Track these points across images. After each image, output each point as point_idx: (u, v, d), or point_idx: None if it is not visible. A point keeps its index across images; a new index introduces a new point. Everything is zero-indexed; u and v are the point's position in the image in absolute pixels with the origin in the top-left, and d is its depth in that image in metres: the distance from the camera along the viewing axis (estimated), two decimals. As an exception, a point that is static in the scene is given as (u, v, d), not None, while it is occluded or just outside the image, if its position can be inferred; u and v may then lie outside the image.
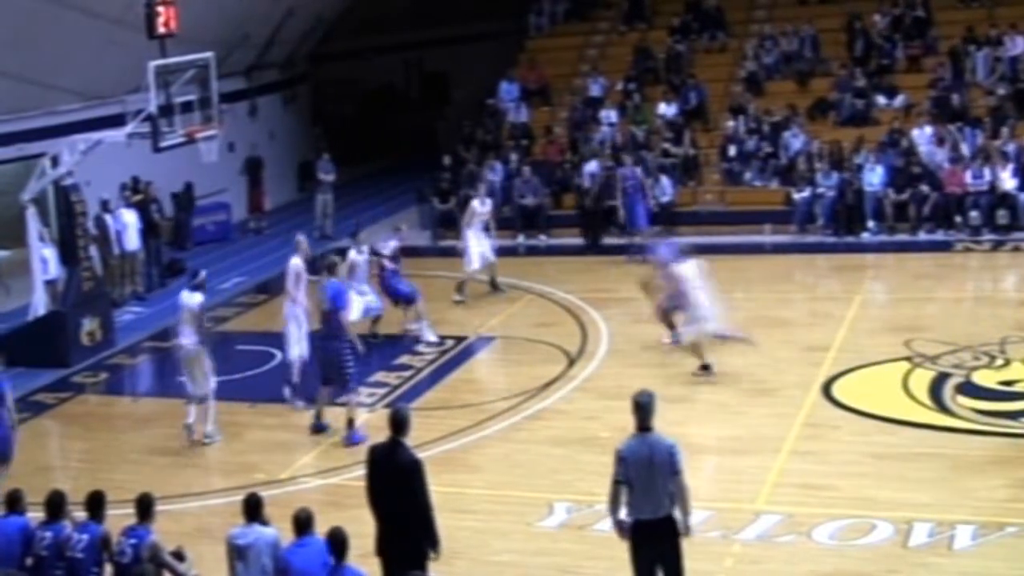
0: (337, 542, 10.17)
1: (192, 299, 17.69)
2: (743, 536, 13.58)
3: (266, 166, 32.60)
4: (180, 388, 18.21)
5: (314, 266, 19.70)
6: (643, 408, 10.96)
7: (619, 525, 11.09)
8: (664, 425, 16.77)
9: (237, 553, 10.75)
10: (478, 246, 24.07)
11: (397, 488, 11.07)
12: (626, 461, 10.86)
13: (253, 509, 10.90)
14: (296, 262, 18.97)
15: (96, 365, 21.86)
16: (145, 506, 11.16)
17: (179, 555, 11.30)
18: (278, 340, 19.73)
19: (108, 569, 11.10)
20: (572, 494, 15.02)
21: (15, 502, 11.68)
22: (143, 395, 21.15)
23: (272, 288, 25.48)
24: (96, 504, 11.33)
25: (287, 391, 18.98)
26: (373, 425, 17.20)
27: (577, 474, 15.58)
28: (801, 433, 16.44)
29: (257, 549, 10.66)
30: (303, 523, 10.58)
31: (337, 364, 17.18)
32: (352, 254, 21.08)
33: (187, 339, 17.62)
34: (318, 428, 17.56)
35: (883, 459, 15.38)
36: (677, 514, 10.92)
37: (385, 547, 11.13)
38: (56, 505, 11.46)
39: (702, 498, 14.45)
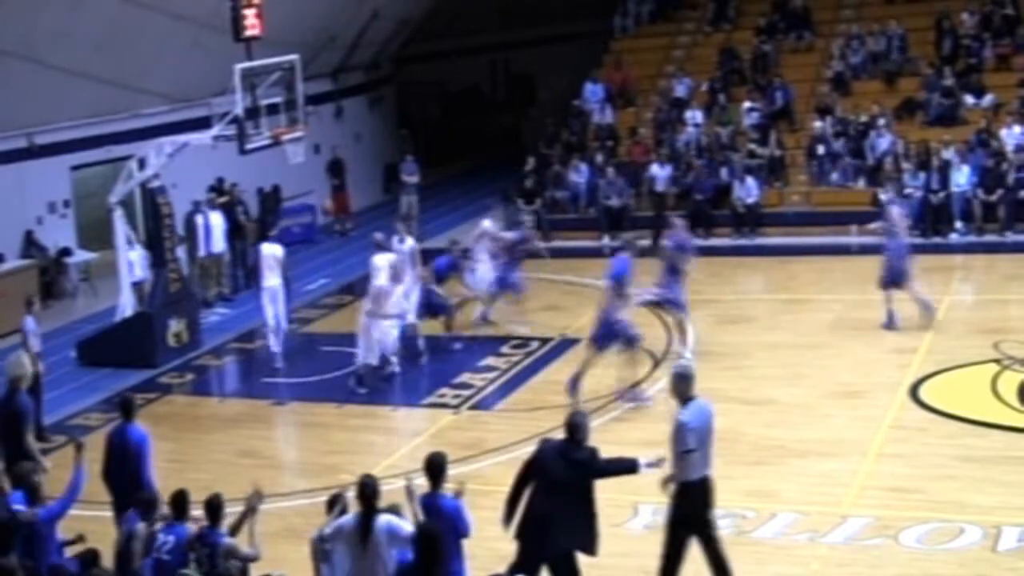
0: (434, 466, 10.80)
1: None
2: (830, 539, 13.47)
3: (349, 168, 32.77)
4: (264, 389, 18.35)
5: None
6: (688, 379, 11.64)
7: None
8: (749, 427, 16.82)
9: (323, 555, 10.73)
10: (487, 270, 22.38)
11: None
12: (693, 430, 11.48)
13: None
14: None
15: (183, 366, 22.07)
16: (214, 508, 11.15)
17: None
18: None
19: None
20: (659, 496, 14.94)
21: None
22: (229, 396, 21.33)
23: (358, 289, 25.63)
24: (180, 504, 11.38)
25: (352, 383, 19.74)
26: (455, 426, 17.28)
27: (662, 475, 15.49)
28: (889, 436, 16.29)
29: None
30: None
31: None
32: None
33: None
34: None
35: (971, 462, 15.19)
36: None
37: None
38: (180, 506, 11.36)
39: (789, 501, 14.42)
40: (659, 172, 28.60)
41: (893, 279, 20.37)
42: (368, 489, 10.37)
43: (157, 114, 27.60)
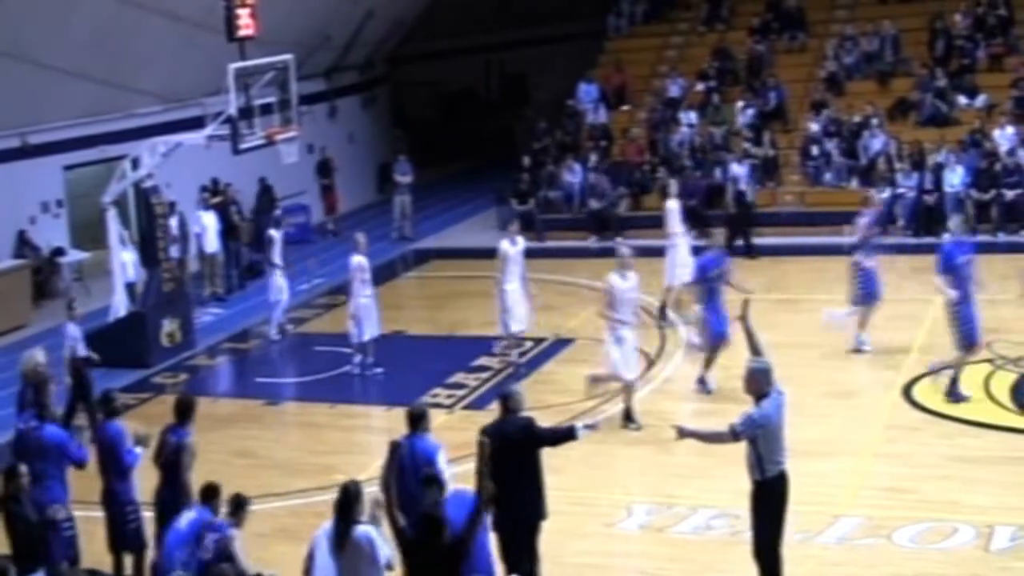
0: (416, 413, 11.72)
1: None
2: (823, 539, 13.50)
3: (338, 167, 32.78)
4: (258, 389, 18.35)
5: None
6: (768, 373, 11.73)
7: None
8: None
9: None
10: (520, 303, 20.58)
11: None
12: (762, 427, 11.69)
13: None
14: (358, 259, 20.09)
15: (176, 366, 22.07)
16: (238, 503, 11.21)
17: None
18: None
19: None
20: (652, 496, 15.00)
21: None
22: (222, 396, 21.31)
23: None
24: (210, 496, 11.41)
25: (355, 367, 20.16)
26: (449, 426, 17.29)
27: (657, 476, 15.56)
28: (882, 436, 16.32)
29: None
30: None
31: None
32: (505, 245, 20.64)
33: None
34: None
35: (965, 462, 15.22)
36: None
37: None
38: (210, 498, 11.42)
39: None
40: (739, 170, 28.36)
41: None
42: (345, 497, 10.30)
43: (151, 114, 27.58)
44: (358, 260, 20.20)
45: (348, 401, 19.38)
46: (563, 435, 12.10)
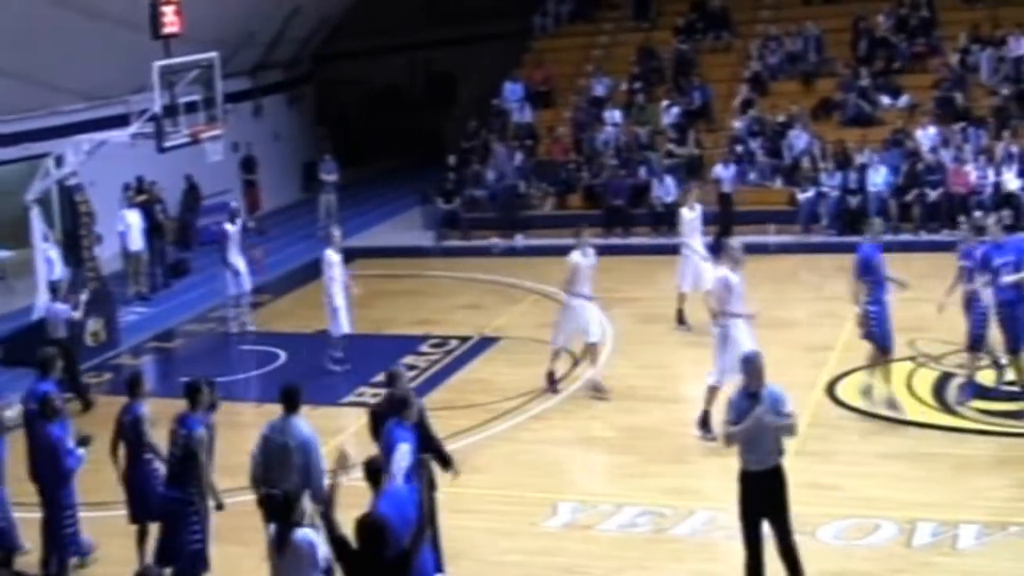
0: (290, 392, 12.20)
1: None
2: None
3: (261, 165, 32.60)
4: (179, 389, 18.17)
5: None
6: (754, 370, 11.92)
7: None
8: (668, 425, 16.93)
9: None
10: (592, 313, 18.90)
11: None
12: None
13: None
14: (331, 253, 20.11)
15: (100, 365, 21.85)
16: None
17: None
18: (282, 340, 19.80)
19: None
20: (577, 494, 15.04)
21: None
22: (147, 396, 21.09)
23: (274, 288, 25.60)
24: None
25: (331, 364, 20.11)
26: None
27: (582, 474, 15.63)
28: (806, 433, 16.38)
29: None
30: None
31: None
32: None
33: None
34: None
35: (887, 459, 15.39)
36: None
37: None
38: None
39: (707, 498, 14.52)
40: (724, 172, 28.31)
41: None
42: (285, 500, 10.22)
43: (75, 111, 27.27)
44: (331, 255, 20.16)
45: (274, 400, 19.23)
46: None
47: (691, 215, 21.81)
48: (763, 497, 11.70)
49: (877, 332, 16.71)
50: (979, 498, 14.04)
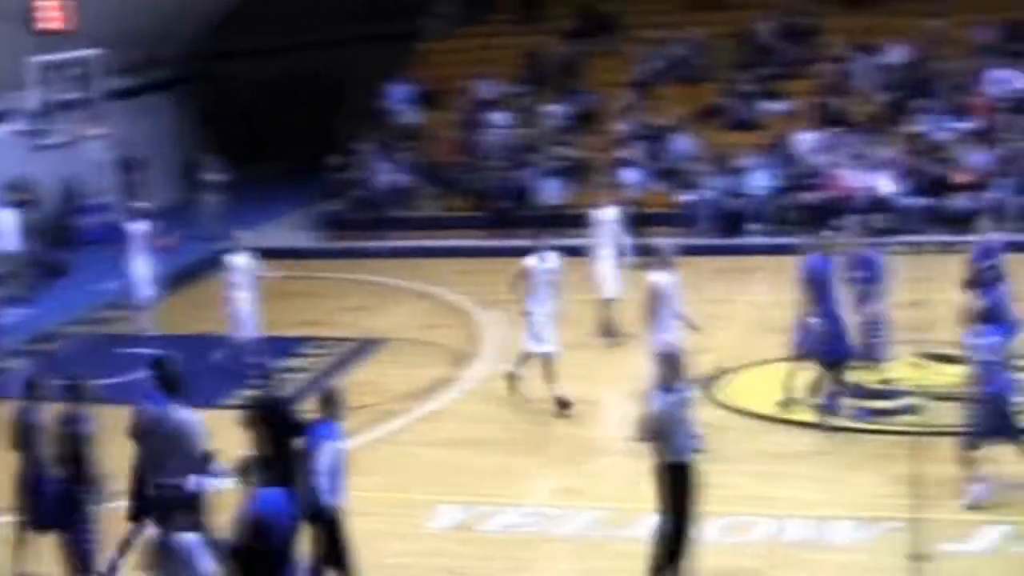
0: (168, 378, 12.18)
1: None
2: (631, 534, 13.68)
3: (150, 165, 32.23)
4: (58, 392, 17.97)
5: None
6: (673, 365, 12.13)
7: None
8: (556, 427, 17.03)
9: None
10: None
11: None
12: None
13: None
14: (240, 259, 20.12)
15: (-26, 368, 21.49)
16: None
17: None
18: (163, 343, 19.64)
19: None
20: (462, 495, 15.07)
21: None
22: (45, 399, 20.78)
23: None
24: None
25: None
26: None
27: (467, 475, 15.64)
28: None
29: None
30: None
31: None
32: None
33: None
34: None
35: (764, 457, 15.61)
36: None
37: None
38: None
39: (593, 498, 14.64)
40: (630, 176, 28.40)
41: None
42: (166, 503, 10.10)
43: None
44: (236, 260, 19.99)
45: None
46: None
47: (605, 218, 21.50)
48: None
49: (820, 346, 16.44)
50: (854, 495, 14.29)
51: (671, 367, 12.12)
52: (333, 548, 11.91)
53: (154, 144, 33.76)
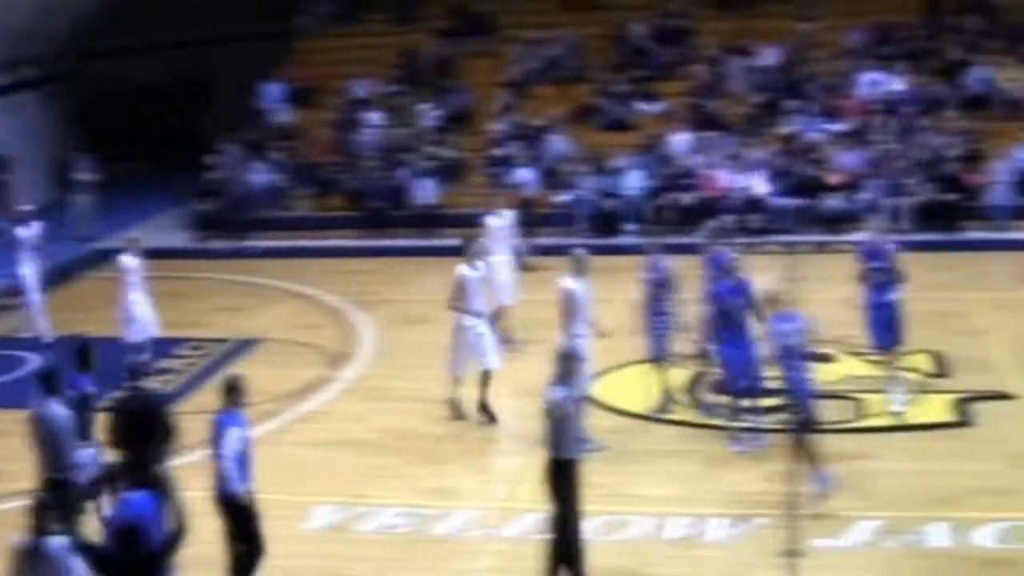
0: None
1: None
2: (504, 534, 13.74)
3: (20, 165, 31.67)
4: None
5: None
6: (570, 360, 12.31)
7: None
8: (426, 426, 17.03)
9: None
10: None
11: None
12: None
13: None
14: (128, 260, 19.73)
15: None
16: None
17: None
18: (33, 344, 19.33)
19: None
20: (338, 496, 15.01)
21: None
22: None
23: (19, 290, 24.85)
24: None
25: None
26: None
27: (343, 476, 15.58)
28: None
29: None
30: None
31: None
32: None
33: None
34: None
35: (640, 455, 15.75)
36: None
37: None
38: None
39: (467, 498, 14.66)
40: (525, 176, 28.36)
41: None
42: (40, 505, 9.90)
43: None
44: (127, 260, 19.68)
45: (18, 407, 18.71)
46: None
47: (499, 223, 21.26)
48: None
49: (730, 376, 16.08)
50: (729, 492, 14.48)
51: (567, 365, 12.23)
52: (246, 532, 11.98)
53: (24, 143, 33.19)
